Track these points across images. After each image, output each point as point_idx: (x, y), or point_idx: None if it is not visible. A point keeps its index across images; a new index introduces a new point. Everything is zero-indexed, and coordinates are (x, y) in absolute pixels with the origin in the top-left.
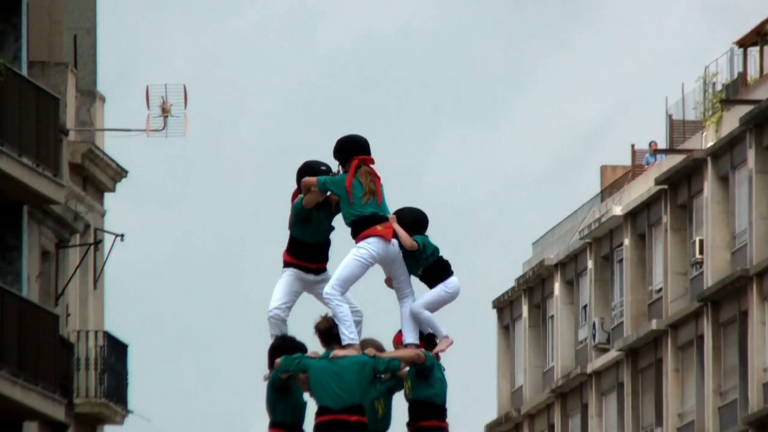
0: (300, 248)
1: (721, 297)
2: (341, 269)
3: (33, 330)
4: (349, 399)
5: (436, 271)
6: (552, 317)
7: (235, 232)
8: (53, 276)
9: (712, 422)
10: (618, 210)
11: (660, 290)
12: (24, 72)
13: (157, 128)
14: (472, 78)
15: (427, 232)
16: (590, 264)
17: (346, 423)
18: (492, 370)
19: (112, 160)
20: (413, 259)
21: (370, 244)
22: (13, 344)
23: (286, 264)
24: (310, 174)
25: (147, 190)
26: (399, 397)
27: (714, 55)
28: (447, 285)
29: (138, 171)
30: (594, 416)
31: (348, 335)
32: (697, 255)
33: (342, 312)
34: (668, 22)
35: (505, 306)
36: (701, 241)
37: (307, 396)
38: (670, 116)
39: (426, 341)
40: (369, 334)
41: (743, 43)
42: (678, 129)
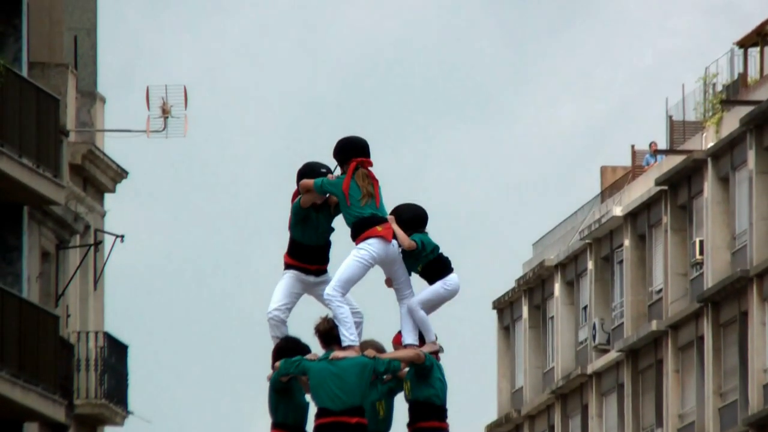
0: (300, 250)
1: (722, 298)
2: (342, 270)
3: (33, 331)
4: (349, 400)
5: (436, 268)
6: (552, 318)
7: (236, 233)
8: (53, 277)
9: (713, 423)
10: (618, 211)
11: (660, 291)
12: (24, 73)
13: (158, 129)
14: (473, 78)
15: (428, 232)
16: (590, 265)
17: (346, 425)
18: (492, 371)
19: (113, 161)
20: (413, 257)
21: (371, 245)
22: (14, 345)
23: (287, 266)
24: (310, 175)
25: (147, 191)
26: (399, 398)
27: (715, 56)
28: (446, 282)
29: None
30: (594, 417)
31: (348, 336)
32: (698, 256)
33: (342, 313)
34: (669, 23)
35: (506, 307)
36: (701, 242)
37: (309, 397)
38: (671, 117)
39: (425, 341)
40: (369, 336)
41: (743, 44)
42: (678, 130)
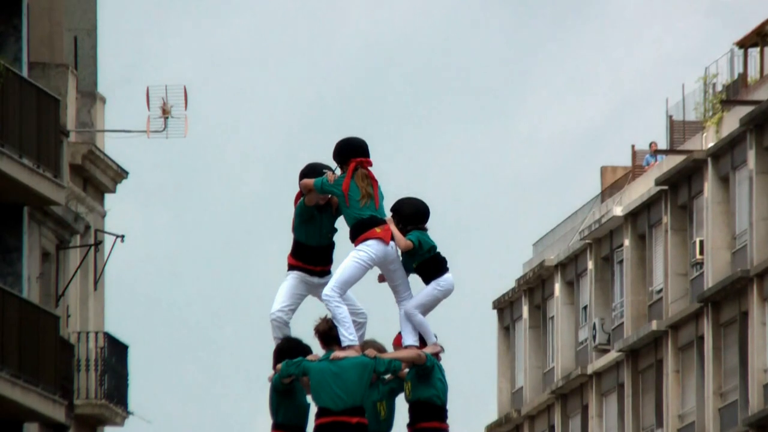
0: (304, 251)
1: (722, 298)
2: (340, 271)
3: (33, 331)
4: (350, 400)
5: (431, 268)
6: (552, 318)
7: (236, 233)
8: (54, 277)
9: (713, 423)
10: (618, 211)
11: (660, 291)
12: (25, 73)
13: (158, 129)
14: (473, 78)
15: (429, 227)
16: (590, 265)
17: (347, 424)
18: (492, 371)
19: (113, 161)
20: (408, 255)
21: (370, 247)
22: (14, 345)
23: (290, 267)
24: (312, 176)
25: (147, 191)
26: (400, 399)
27: (715, 56)
28: (439, 283)
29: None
30: (594, 417)
31: (348, 337)
32: (698, 256)
33: (341, 313)
34: (669, 24)
35: (506, 307)
36: (701, 242)
37: (310, 398)
38: (671, 117)
39: (426, 343)
40: (370, 336)
41: (743, 44)
42: (678, 130)
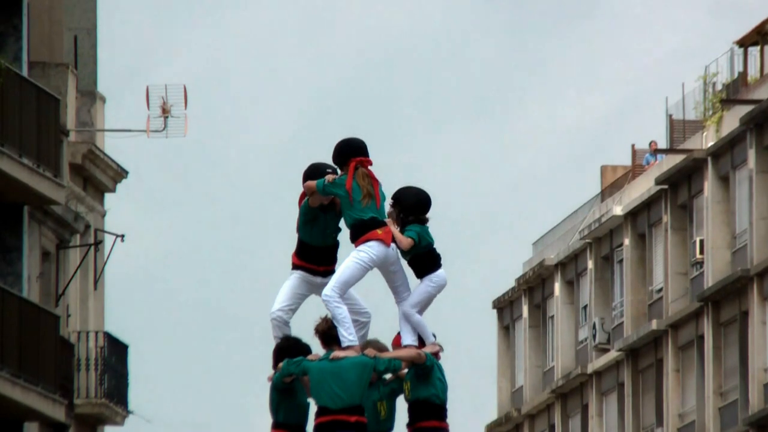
0: (307, 250)
1: (722, 297)
2: (340, 272)
3: (33, 330)
4: (349, 399)
5: (425, 263)
6: (552, 317)
7: (236, 233)
8: (54, 276)
9: (713, 422)
10: (618, 210)
11: (660, 290)
12: (24, 73)
13: (158, 129)
14: (473, 78)
15: (430, 218)
16: (590, 264)
17: (346, 423)
18: (492, 370)
19: (113, 161)
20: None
21: (371, 248)
22: (14, 345)
23: (294, 266)
24: (315, 177)
25: (147, 191)
26: (400, 398)
27: (715, 55)
28: (432, 279)
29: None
30: (594, 416)
31: (347, 337)
32: (698, 255)
33: (341, 314)
34: (669, 23)
35: (506, 306)
36: (701, 241)
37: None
38: (671, 116)
39: (425, 343)
40: (371, 336)
41: (743, 43)
42: (678, 129)
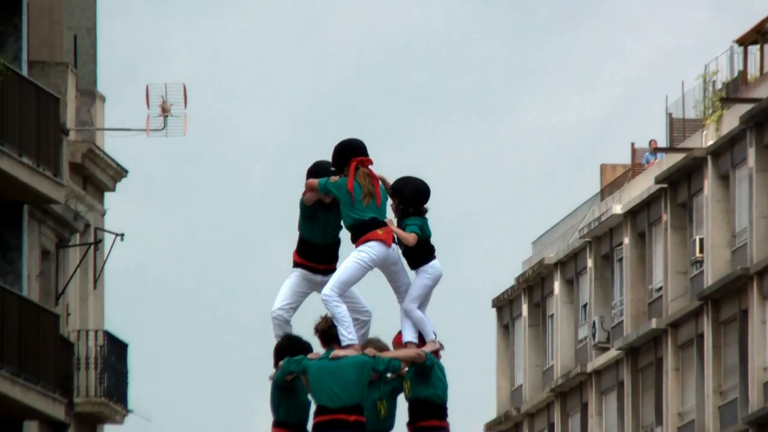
0: (308, 248)
1: (722, 296)
2: (340, 271)
3: (33, 329)
4: (348, 399)
5: (421, 253)
6: (552, 316)
7: (235, 232)
8: (53, 275)
9: (713, 421)
10: (618, 209)
11: (660, 289)
12: (24, 72)
13: (157, 128)
14: (473, 77)
15: (429, 208)
16: (590, 263)
17: (345, 422)
18: (492, 369)
19: (112, 160)
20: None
21: (371, 248)
22: (14, 343)
23: (295, 264)
24: (318, 174)
25: (147, 190)
26: (401, 398)
27: (715, 54)
28: (427, 271)
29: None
30: (594, 415)
31: (347, 336)
32: (698, 254)
33: (340, 313)
34: (668, 21)
35: (505, 305)
36: (701, 240)
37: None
38: (670, 114)
39: (426, 341)
40: (372, 335)
41: (743, 41)
42: (678, 127)
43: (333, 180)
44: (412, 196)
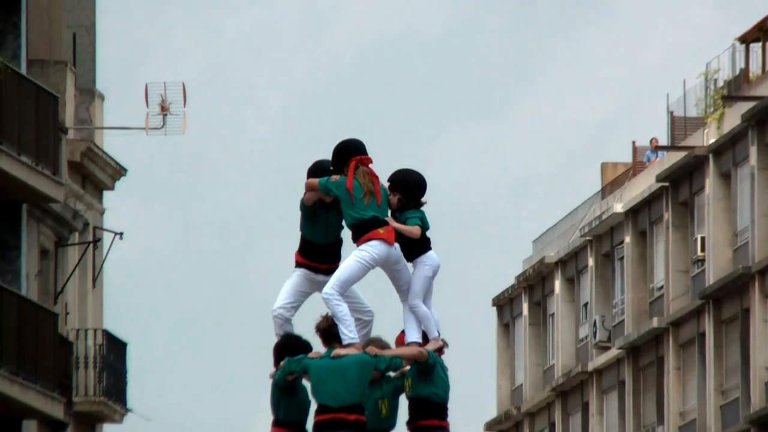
0: (310, 248)
1: (723, 295)
2: (341, 270)
3: (32, 328)
4: (349, 398)
5: (416, 244)
6: (552, 315)
7: (235, 231)
8: (52, 274)
9: (714, 421)
10: (619, 207)
11: (661, 288)
12: (23, 70)
13: (157, 126)
14: (474, 76)
15: (426, 201)
16: (591, 262)
17: (345, 421)
18: (492, 368)
19: (111, 159)
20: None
21: (372, 247)
22: (12, 343)
23: (297, 264)
24: (319, 173)
25: (146, 189)
26: (402, 397)
27: (716, 52)
28: (425, 262)
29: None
30: (595, 414)
31: (348, 335)
32: (699, 252)
33: (341, 312)
34: (670, 20)
35: (506, 304)
36: (703, 239)
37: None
38: (672, 113)
39: (428, 341)
40: (374, 335)
41: (745, 39)
42: (679, 126)
43: (333, 179)
44: (414, 191)
